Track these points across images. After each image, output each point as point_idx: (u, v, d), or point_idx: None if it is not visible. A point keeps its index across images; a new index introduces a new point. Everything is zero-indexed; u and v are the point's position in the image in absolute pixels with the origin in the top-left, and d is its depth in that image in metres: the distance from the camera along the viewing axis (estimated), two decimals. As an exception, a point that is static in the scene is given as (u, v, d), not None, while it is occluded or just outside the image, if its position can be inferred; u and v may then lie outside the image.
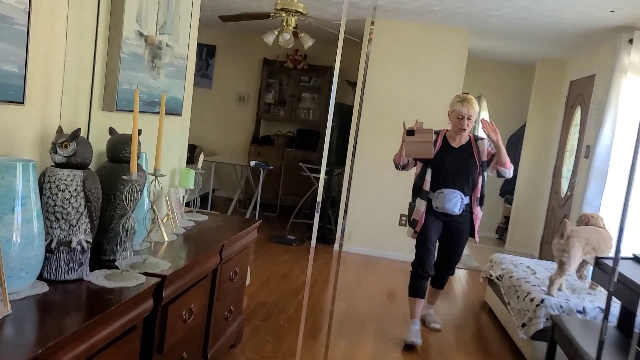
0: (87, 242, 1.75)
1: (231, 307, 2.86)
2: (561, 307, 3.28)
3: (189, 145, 7.86)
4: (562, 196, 6.05)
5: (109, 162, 2.00)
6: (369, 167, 5.53)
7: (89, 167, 1.78)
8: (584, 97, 5.86)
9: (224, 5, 5.51)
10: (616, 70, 4.57)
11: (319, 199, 2.82)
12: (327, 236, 6.03)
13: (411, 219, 3.56)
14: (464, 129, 3.42)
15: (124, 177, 1.81)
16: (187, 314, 2.19)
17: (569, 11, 4.28)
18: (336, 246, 5.80)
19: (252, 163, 6.29)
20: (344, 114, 6.06)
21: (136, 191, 1.86)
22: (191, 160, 6.93)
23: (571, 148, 6.09)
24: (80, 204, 1.70)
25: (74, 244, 1.71)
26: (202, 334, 2.50)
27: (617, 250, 1.96)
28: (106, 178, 1.94)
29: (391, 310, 4.08)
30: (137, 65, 2.20)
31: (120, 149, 1.96)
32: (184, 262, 2.12)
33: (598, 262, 3.07)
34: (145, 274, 1.90)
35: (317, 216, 2.95)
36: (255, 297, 3.95)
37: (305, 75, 7.68)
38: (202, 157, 2.96)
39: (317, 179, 6.38)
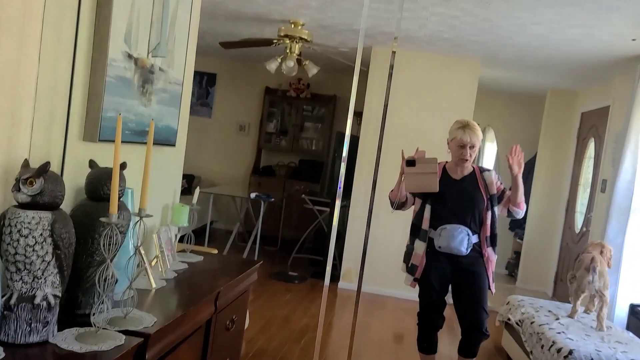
0: (54, 296, 1.47)
1: (227, 359, 2.56)
2: (592, 359, 2.97)
3: (186, 175, 7.65)
4: (577, 232, 5.77)
5: (88, 199, 1.74)
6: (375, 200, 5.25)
7: (60, 207, 1.51)
8: (597, 129, 5.64)
9: (225, 32, 5.34)
10: (636, 101, 4.35)
11: (334, 233, 2.54)
12: (331, 273, 5.70)
13: (409, 265, 3.08)
14: (466, 159, 2.99)
15: (102, 219, 1.54)
16: (175, 376, 1.89)
17: (589, 40, 4.07)
18: (341, 284, 5.48)
19: (253, 195, 6.03)
20: (350, 144, 5.81)
21: (116, 235, 1.59)
22: (189, 190, 6.68)
23: (585, 182, 5.84)
24: (47, 252, 1.43)
25: (38, 300, 1.43)
26: (193, 395, 2.19)
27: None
28: (83, 219, 1.67)
29: (402, 357, 3.76)
30: (124, 90, 1.96)
31: (100, 185, 1.70)
32: (173, 316, 1.83)
33: (634, 311, 2.78)
34: (126, 332, 1.62)
35: (331, 253, 2.67)
36: (254, 343, 3.64)
37: (308, 104, 7.49)
38: (197, 191, 2.70)
39: (321, 212, 6.10)
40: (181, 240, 2.74)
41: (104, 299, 1.58)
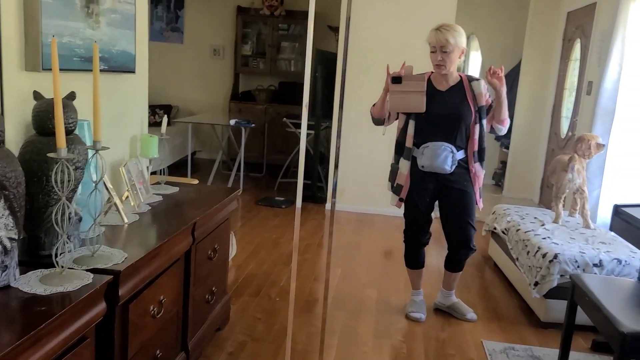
0: (10, 239, 1.38)
1: (213, 289, 2.54)
2: (576, 261, 3.00)
3: (164, 105, 7.43)
4: (563, 137, 5.72)
5: (38, 135, 1.61)
6: (358, 119, 5.12)
7: (3, 144, 1.39)
8: (583, 28, 5.44)
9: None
10: (623, -4, 4.14)
11: (302, 156, 2.45)
12: (317, 195, 5.69)
13: (394, 184, 2.96)
14: (441, 65, 2.75)
15: (50, 154, 1.42)
16: (155, 309, 1.85)
17: None
18: (328, 205, 5.47)
19: (232, 122, 5.87)
20: (328, 62, 5.61)
21: (71, 171, 1.48)
22: (168, 122, 6.50)
23: (571, 85, 5.71)
24: (-8, 194, 1.32)
25: (-9, 245, 1.34)
26: (178, 325, 2.17)
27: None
28: (34, 156, 1.55)
29: (391, 272, 3.80)
30: (65, 11, 1.78)
31: (48, 119, 1.57)
32: (145, 250, 1.76)
33: (618, 211, 2.77)
34: (94, 270, 1.55)
35: (300, 175, 2.59)
36: (243, 270, 3.64)
37: (283, 22, 7.15)
38: (165, 120, 2.56)
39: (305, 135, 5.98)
40: (162, 172, 2.64)
41: (66, 238, 1.49)
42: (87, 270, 1.53)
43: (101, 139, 1.56)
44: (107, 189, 1.99)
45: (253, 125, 6.04)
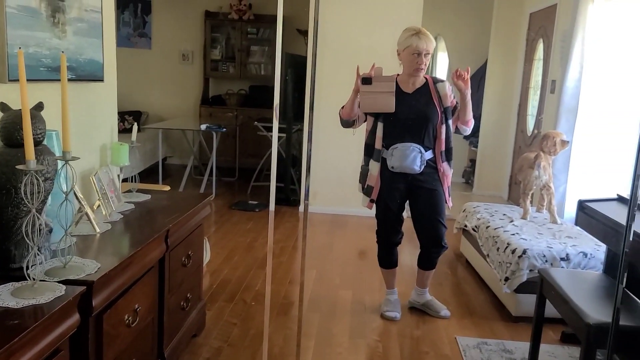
0: (-21, 254, 1.37)
1: (188, 295, 2.54)
2: (544, 256, 3.09)
3: (133, 112, 7.35)
4: (529, 135, 5.87)
5: (6, 147, 1.59)
6: (329, 121, 5.13)
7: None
8: (545, 29, 5.60)
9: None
10: (582, -3, 4.28)
11: (274, 159, 2.48)
12: (291, 197, 5.71)
13: (365, 186, 3.00)
14: (422, 68, 2.83)
15: (19, 167, 1.41)
16: (130, 318, 1.85)
17: None
18: (302, 208, 5.49)
19: (203, 127, 5.84)
20: (298, 65, 5.63)
21: (40, 182, 1.47)
22: (138, 128, 6.43)
23: (535, 84, 5.86)
24: (-40, 208, 1.31)
25: (-40, 260, 1.32)
26: (154, 334, 2.17)
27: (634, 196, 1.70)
28: (3, 168, 1.53)
29: (366, 272, 3.84)
30: (31, 21, 1.76)
31: (16, 130, 1.55)
32: (118, 260, 1.75)
33: (582, 207, 2.86)
34: (66, 282, 1.54)
35: (273, 177, 2.62)
36: (218, 275, 3.63)
37: (252, 26, 7.15)
38: (135, 127, 2.55)
39: (277, 138, 5.99)
40: (134, 180, 2.61)
41: (37, 250, 1.48)
42: (59, 282, 1.52)
43: (70, 149, 1.55)
44: (77, 199, 1.97)
45: (224, 129, 6.02)
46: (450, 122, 2.94)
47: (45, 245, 1.64)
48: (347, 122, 3.00)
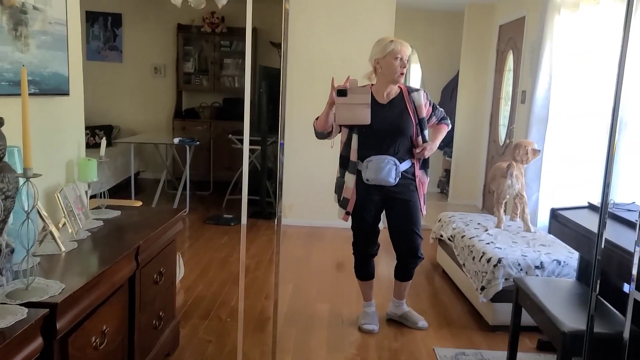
0: None
1: (160, 313, 2.47)
2: (519, 264, 3.11)
3: (104, 126, 7.21)
4: (501, 144, 5.95)
5: (-36, 164, 1.52)
6: (304, 133, 5.11)
7: None
8: (515, 41, 5.70)
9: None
10: (548, 9, 4.37)
11: (245, 172, 2.45)
12: (266, 211, 5.66)
13: (341, 198, 2.97)
14: (404, 73, 2.85)
15: (-24, 185, 1.35)
16: (98, 340, 1.78)
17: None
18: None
19: (177, 140, 5.76)
20: (272, 77, 5.61)
21: (0, 201, 1.41)
22: (110, 143, 6.31)
23: (506, 95, 5.96)
24: None
25: None
26: (124, 354, 2.09)
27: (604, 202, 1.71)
28: (-40, 186, 1.47)
29: (343, 285, 3.81)
30: (-9, 34, 1.70)
31: (-26, 147, 1.49)
32: (84, 279, 1.69)
33: (555, 215, 2.89)
34: (29, 304, 1.48)
35: (245, 191, 2.59)
36: (192, 291, 3.56)
37: (225, 39, 7.11)
38: (104, 142, 2.49)
39: (251, 151, 5.95)
40: (103, 196, 2.55)
41: (-3, 273, 1.42)
42: (21, 304, 1.46)
43: (32, 166, 1.49)
44: (41, 217, 1.90)
45: (198, 142, 5.96)
46: (426, 132, 2.96)
47: (6, 266, 1.57)
48: (322, 134, 2.98)
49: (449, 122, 3.11)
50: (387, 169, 2.84)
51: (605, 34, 3.69)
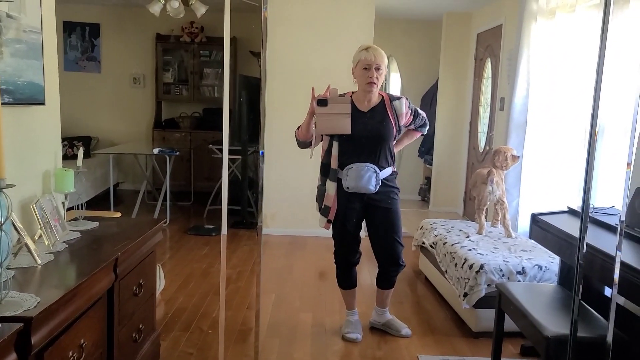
0: None
1: (140, 326, 2.42)
2: (501, 270, 3.12)
3: (83, 137, 7.11)
4: (481, 151, 6.00)
5: None
6: (285, 142, 5.10)
7: None
8: (492, 49, 5.78)
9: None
10: (525, 17, 4.44)
11: (225, 181, 2.43)
12: (248, 220, 5.62)
13: (322, 206, 2.95)
14: (374, 82, 2.81)
15: (-55, 196, 1.31)
16: (75, 354, 1.73)
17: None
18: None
19: (156, 150, 5.70)
20: (252, 87, 5.59)
21: (-29, 212, 1.36)
22: (88, 154, 6.21)
23: (485, 102, 6.02)
24: None
25: None
26: (103, 370, 2.04)
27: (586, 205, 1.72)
28: None
29: (326, 294, 3.78)
30: (-38, 42, 1.66)
31: (-56, 157, 1.44)
32: (61, 292, 1.64)
33: (535, 220, 2.91)
34: (2, 319, 1.43)
35: (225, 201, 2.57)
36: (172, 303, 3.50)
37: (205, 49, 7.08)
38: (81, 151, 2.44)
39: (232, 160, 5.91)
40: (81, 207, 2.49)
41: (-32, 287, 1.37)
42: (-6, 319, 1.41)
43: (5, 176, 1.45)
44: (16, 229, 1.85)
45: (178, 152, 5.90)
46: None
47: (-22, 280, 1.52)
48: (304, 143, 2.98)
49: (426, 130, 3.14)
50: (367, 177, 2.83)
51: (581, 41, 3.75)
